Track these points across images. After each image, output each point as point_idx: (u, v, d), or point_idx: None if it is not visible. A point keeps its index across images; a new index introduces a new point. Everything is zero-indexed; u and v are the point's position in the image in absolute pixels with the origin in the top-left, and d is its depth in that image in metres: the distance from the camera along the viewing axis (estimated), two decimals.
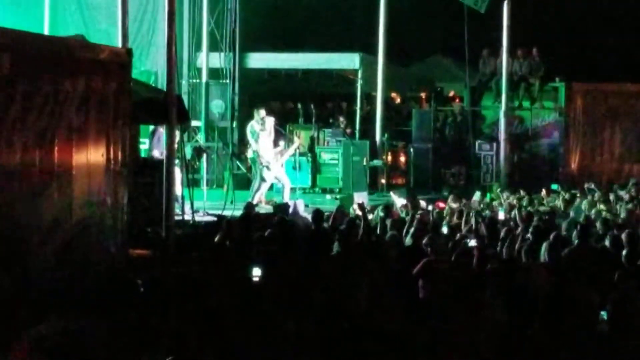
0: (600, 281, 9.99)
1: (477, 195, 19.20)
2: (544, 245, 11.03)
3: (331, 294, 9.36)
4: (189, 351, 6.82)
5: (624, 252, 10.78)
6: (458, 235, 12.97)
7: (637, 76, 25.14)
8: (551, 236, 11.67)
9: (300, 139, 20.96)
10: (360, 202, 15.81)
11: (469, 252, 10.82)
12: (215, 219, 14.86)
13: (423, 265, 10.48)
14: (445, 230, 13.65)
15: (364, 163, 21.37)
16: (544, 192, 19.58)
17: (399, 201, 17.75)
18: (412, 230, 12.57)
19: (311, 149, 22.00)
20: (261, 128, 18.17)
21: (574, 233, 12.11)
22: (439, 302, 9.52)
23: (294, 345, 7.35)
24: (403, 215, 15.23)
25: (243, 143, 21.02)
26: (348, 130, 23.23)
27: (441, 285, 10.02)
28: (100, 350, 3.04)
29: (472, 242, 11.60)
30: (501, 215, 15.17)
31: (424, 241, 11.28)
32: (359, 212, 14.68)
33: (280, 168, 18.37)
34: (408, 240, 12.25)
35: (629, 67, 26.34)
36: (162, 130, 16.33)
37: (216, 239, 12.34)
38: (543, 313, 9.15)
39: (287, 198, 17.61)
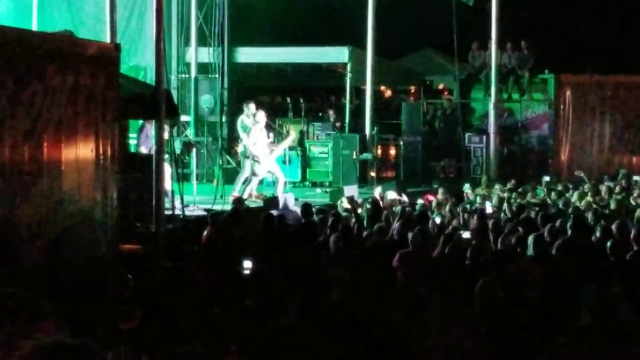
0: (594, 273, 9.95)
1: (466, 187, 19.19)
2: (531, 238, 10.92)
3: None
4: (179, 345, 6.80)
5: (609, 243, 10.70)
6: (450, 227, 12.96)
7: (626, 67, 25.18)
8: (546, 229, 11.59)
9: (293, 133, 20.88)
10: (350, 195, 15.78)
11: (462, 244, 10.84)
12: (205, 213, 14.83)
13: (399, 256, 10.59)
14: (438, 220, 13.64)
15: (354, 156, 21.33)
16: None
17: (390, 195, 17.63)
18: (397, 224, 12.60)
19: (301, 142, 21.96)
20: (253, 122, 18.05)
21: (567, 225, 12.03)
22: (414, 293, 9.55)
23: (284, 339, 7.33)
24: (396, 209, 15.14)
25: (233, 137, 20.99)
26: (338, 124, 23.23)
27: (417, 276, 10.10)
28: None
29: (466, 235, 11.59)
30: (489, 208, 15.14)
31: (410, 234, 11.25)
32: (349, 206, 14.67)
33: (273, 162, 18.25)
34: (394, 234, 12.25)
35: (618, 58, 26.39)
36: (149, 127, 16.30)
37: (204, 233, 12.32)
38: (534, 306, 9.12)
39: (280, 192, 17.52)
